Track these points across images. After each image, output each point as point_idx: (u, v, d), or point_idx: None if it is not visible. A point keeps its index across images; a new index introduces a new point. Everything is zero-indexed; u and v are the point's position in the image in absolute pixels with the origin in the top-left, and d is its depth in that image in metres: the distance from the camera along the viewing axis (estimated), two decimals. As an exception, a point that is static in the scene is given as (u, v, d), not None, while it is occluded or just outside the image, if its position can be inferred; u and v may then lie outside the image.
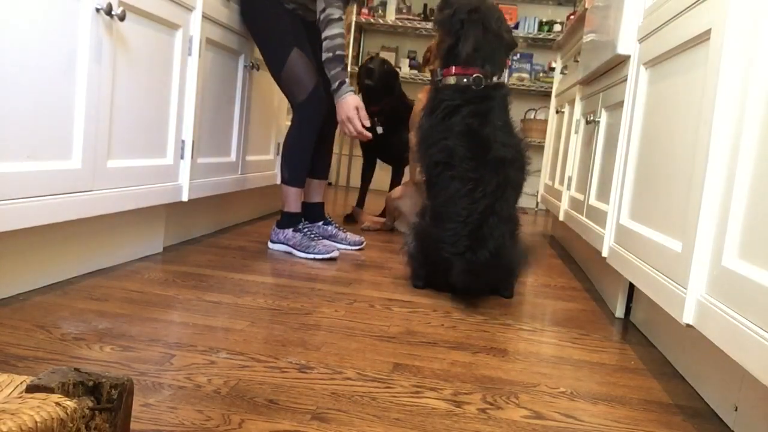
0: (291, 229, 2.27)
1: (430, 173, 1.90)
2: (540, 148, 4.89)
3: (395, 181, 3.36)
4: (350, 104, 2.18)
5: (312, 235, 2.28)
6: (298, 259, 2.20)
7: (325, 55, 2.16)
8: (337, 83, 2.17)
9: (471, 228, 1.77)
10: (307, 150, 2.24)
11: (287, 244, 2.27)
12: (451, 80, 1.90)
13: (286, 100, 2.88)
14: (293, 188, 2.27)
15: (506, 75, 5.09)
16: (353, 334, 1.43)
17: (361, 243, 2.50)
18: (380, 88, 3.08)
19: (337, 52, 2.15)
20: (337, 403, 1.06)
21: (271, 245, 2.32)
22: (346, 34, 2.47)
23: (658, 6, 1.61)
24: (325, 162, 2.49)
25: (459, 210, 1.78)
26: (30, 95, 1.33)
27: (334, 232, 2.50)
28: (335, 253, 2.23)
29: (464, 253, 1.76)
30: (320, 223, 2.50)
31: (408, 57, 5.30)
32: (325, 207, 2.56)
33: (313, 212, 2.50)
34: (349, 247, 2.48)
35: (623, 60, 1.89)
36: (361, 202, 3.30)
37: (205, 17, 2.04)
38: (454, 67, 1.91)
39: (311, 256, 2.22)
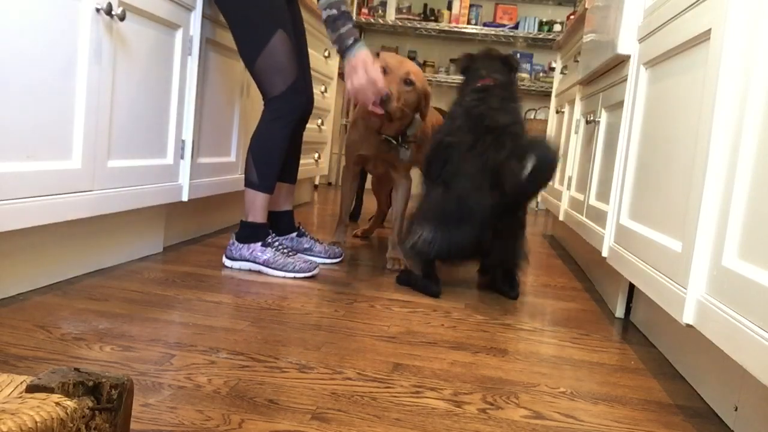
0: (258, 243, 1.93)
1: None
2: (540, 148, 4.89)
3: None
4: (367, 61, 1.81)
5: (285, 250, 1.95)
6: (272, 278, 1.88)
7: (327, 13, 1.80)
8: (351, 39, 1.80)
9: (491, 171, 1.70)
10: (282, 150, 1.92)
11: (255, 262, 1.92)
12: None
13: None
14: (261, 194, 1.92)
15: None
16: (353, 334, 1.43)
17: (341, 255, 2.22)
18: None
19: (343, 8, 1.80)
20: (337, 403, 1.06)
21: (228, 263, 1.96)
22: None
23: (658, 6, 1.61)
24: (297, 164, 2.18)
25: (469, 167, 1.74)
26: (30, 95, 1.33)
27: (309, 244, 2.19)
28: (317, 270, 1.95)
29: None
30: (293, 235, 2.19)
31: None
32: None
33: (283, 222, 2.17)
34: (327, 260, 2.18)
35: (623, 60, 1.89)
36: (355, 214, 3.22)
37: (205, 17, 2.04)
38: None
39: (291, 275, 1.90)
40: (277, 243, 1.96)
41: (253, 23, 1.84)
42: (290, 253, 1.95)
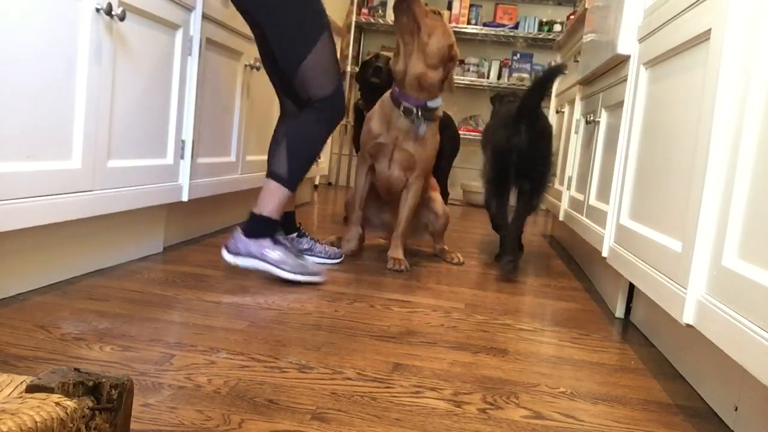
0: (268, 239, 1.80)
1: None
2: (540, 148, 4.89)
3: None
4: None
5: (294, 251, 1.86)
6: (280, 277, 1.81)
7: None
8: None
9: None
10: (318, 151, 1.87)
11: (263, 260, 1.80)
12: None
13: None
14: (285, 190, 1.82)
15: (506, 75, 5.09)
16: (353, 334, 1.43)
17: (341, 256, 2.21)
18: (386, 87, 3.05)
19: None
20: (337, 403, 1.06)
21: (230, 258, 1.81)
22: (346, 34, 2.42)
23: (658, 6, 1.61)
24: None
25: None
26: (30, 95, 1.34)
27: (309, 245, 2.14)
28: (325, 275, 1.90)
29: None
30: (294, 235, 2.13)
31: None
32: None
33: (285, 223, 2.05)
34: (328, 261, 2.16)
35: (623, 60, 1.89)
36: None
37: (205, 17, 2.04)
38: None
39: (304, 278, 1.82)
40: (286, 242, 1.84)
41: (303, 23, 1.79)
42: (298, 255, 1.86)
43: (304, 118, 1.86)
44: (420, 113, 2.17)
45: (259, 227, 1.80)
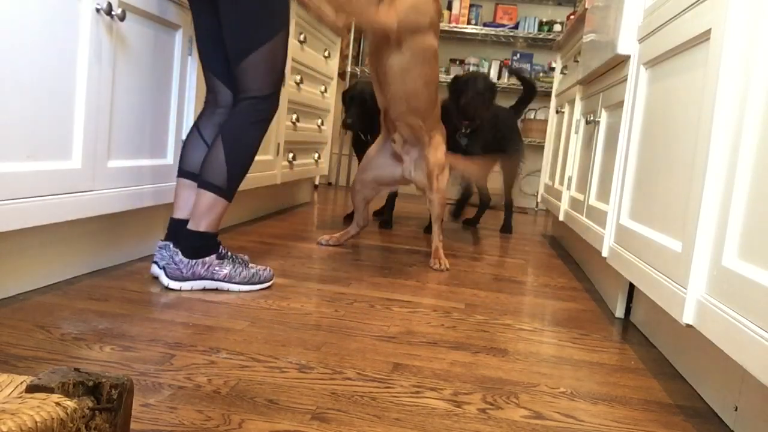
0: (213, 256, 1.67)
1: None
2: (540, 148, 4.89)
3: None
4: None
5: (239, 260, 1.74)
6: (234, 292, 1.69)
7: None
8: None
9: None
10: (255, 156, 1.72)
11: (213, 279, 1.67)
12: None
13: (286, 101, 2.88)
14: (224, 201, 1.66)
15: (506, 75, 5.09)
16: (353, 334, 1.43)
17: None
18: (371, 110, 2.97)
19: None
20: (337, 403, 1.06)
21: (175, 284, 1.64)
22: (346, 35, 2.38)
23: (658, 6, 1.61)
24: None
25: None
26: (30, 95, 1.34)
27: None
28: (273, 277, 1.80)
29: None
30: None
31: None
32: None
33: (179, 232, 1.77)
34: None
35: (623, 60, 1.89)
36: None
37: (205, 17, 2.03)
38: None
39: (256, 287, 1.72)
40: (230, 253, 1.73)
41: (262, 15, 1.64)
42: (243, 262, 1.74)
43: (241, 119, 1.67)
44: None
45: (198, 245, 1.65)
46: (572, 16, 4.35)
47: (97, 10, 1.49)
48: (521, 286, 2.12)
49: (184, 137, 2.01)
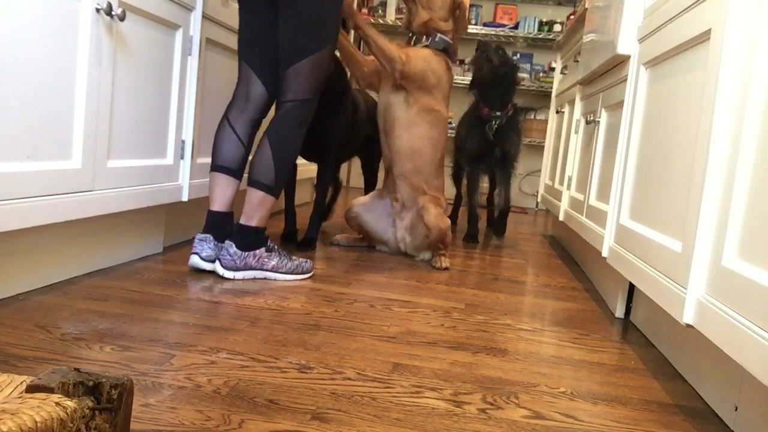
0: (263, 249, 1.85)
1: None
2: (540, 148, 4.89)
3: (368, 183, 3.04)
4: None
5: (284, 252, 1.90)
6: (279, 281, 1.83)
7: None
8: None
9: None
10: (296, 156, 1.91)
11: (263, 269, 1.85)
12: None
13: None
14: (272, 198, 1.83)
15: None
16: (353, 334, 1.43)
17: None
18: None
19: None
20: (337, 403, 1.06)
21: (230, 274, 1.81)
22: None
23: (658, 6, 1.61)
24: None
25: None
26: (30, 95, 1.34)
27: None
28: (312, 269, 1.97)
29: None
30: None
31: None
32: None
33: (226, 225, 1.96)
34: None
35: (623, 60, 1.89)
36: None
37: (205, 17, 2.04)
38: None
39: (300, 276, 1.90)
40: (275, 246, 1.89)
41: (318, 27, 1.80)
42: (286, 255, 1.90)
43: (285, 123, 1.82)
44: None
45: (251, 239, 1.82)
46: (572, 16, 4.35)
47: (97, 10, 1.49)
48: (521, 286, 2.12)
49: (184, 137, 2.01)
